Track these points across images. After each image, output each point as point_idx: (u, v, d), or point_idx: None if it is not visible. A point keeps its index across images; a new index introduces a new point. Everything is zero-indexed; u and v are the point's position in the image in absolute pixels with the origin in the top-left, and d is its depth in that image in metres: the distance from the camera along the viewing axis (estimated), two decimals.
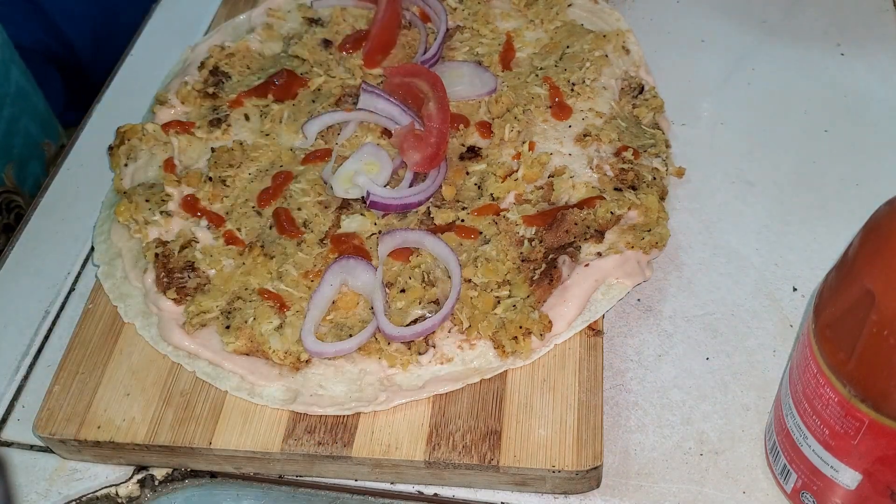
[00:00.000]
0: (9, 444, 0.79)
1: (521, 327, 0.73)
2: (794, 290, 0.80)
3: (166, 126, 0.92)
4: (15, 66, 1.29)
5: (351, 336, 0.74)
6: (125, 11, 1.38)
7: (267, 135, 0.92)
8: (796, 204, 0.86)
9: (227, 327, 0.76)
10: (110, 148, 0.94)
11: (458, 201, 0.84)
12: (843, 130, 0.92)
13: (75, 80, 1.63)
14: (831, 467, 0.59)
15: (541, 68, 0.93)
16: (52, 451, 0.77)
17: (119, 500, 0.75)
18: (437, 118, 0.86)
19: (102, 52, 1.47)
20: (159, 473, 0.76)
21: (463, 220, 0.81)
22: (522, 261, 0.78)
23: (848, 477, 0.58)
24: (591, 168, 0.83)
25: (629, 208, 0.80)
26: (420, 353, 0.74)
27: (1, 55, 1.25)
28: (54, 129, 1.39)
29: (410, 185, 0.84)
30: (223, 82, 0.98)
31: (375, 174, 0.84)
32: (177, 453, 0.73)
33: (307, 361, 0.75)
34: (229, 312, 0.77)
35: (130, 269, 0.83)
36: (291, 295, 0.78)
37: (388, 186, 0.84)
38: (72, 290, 0.89)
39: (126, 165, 0.91)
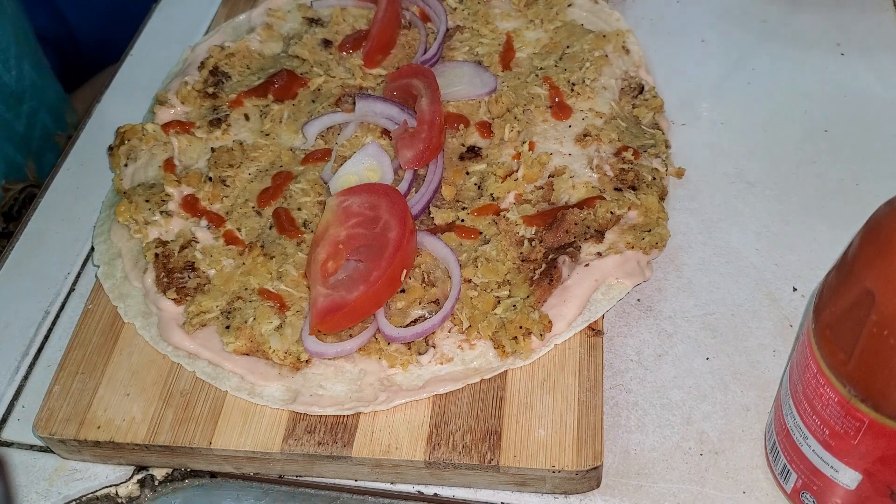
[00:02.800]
0: (9, 444, 0.79)
1: (521, 327, 0.73)
2: (794, 290, 0.80)
3: (166, 126, 0.92)
4: (27, 61, 1.28)
5: (351, 336, 0.74)
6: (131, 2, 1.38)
7: (267, 135, 0.92)
8: (796, 204, 0.86)
9: (227, 327, 0.76)
10: (110, 148, 0.94)
11: (458, 201, 0.84)
12: (843, 130, 0.92)
13: (71, 65, 1.63)
14: (831, 467, 0.59)
15: (541, 68, 0.93)
16: (52, 451, 0.77)
17: (119, 500, 0.75)
18: (427, 111, 0.85)
19: (104, 39, 1.47)
20: (159, 473, 0.76)
21: (463, 220, 0.81)
22: (522, 261, 0.78)
23: (848, 477, 0.58)
24: (591, 168, 0.83)
25: (629, 208, 0.80)
26: (420, 353, 0.74)
27: (17, 50, 1.24)
28: (64, 121, 1.39)
29: (410, 184, 0.84)
30: (223, 82, 0.98)
31: (377, 181, 0.83)
32: (177, 453, 0.73)
33: (307, 361, 0.75)
34: (229, 312, 0.77)
35: (130, 270, 0.83)
36: (291, 295, 0.78)
37: None
38: (72, 290, 0.89)
39: (126, 165, 0.91)
